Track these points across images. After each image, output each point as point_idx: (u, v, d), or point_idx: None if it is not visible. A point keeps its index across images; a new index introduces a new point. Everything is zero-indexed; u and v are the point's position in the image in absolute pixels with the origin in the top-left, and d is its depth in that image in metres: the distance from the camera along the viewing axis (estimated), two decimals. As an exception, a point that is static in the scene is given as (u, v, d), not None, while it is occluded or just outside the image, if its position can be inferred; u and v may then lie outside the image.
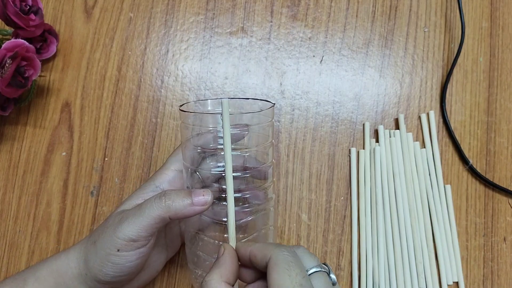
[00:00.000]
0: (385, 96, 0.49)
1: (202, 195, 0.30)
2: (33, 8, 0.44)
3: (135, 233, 0.30)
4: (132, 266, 0.32)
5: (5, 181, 0.45)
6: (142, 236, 0.31)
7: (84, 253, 0.33)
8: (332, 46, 0.49)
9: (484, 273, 0.45)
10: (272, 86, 0.48)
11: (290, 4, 0.50)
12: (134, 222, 0.30)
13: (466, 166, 0.47)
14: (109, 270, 0.31)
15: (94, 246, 0.32)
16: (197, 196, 0.30)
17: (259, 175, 0.35)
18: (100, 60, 0.48)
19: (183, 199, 0.30)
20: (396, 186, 0.45)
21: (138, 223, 0.30)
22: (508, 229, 0.46)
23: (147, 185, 0.35)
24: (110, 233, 0.31)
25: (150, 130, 0.47)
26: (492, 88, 0.49)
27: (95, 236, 0.33)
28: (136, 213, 0.31)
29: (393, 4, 0.50)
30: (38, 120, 0.47)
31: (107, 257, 0.31)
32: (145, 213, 0.30)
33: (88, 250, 0.33)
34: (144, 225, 0.30)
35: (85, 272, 0.33)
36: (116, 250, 0.30)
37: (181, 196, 0.30)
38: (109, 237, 0.31)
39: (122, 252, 0.30)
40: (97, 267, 0.32)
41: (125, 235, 0.30)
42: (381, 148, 0.46)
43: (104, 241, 0.31)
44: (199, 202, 0.30)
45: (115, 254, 0.31)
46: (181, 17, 0.49)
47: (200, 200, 0.30)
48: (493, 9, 0.51)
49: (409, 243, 0.44)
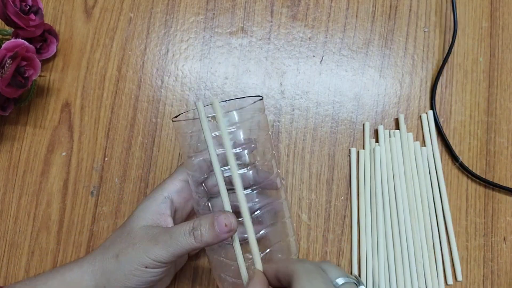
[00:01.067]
0: (385, 96, 0.49)
1: (224, 224, 0.31)
2: (33, 8, 0.44)
3: (166, 259, 0.32)
4: (154, 280, 0.33)
5: (5, 181, 0.45)
6: (171, 260, 0.32)
7: (102, 266, 0.34)
8: (332, 46, 0.49)
9: (484, 273, 0.45)
10: (272, 86, 0.48)
11: (290, 4, 0.50)
12: (167, 249, 0.32)
13: (456, 163, 0.47)
14: (132, 284, 0.33)
15: (117, 260, 0.33)
16: (220, 225, 0.31)
17: (268, 184, 0.35)
18: (100, 60, 0.48)
19: (208, 232, 0.32)
20: (396, 186, 0.45)
21: (171, 251, 0.32)
22: (508, 229, 0.46)
23: (157, 196, 0.36)
24: (140, 253, 0.32)
25: (150, 130, 0.47)
26: (492, 88, 0.49)
27: (115, 250, 0.34)
28: (168, 242, 0.32)
29: (393, 4, 0.50)
30: (38, 120, 0.46)
31: (134, 272, 0.32)
32: (177, 245, 0.32)
33: (109, 263, 0.33)
34: (176, 254, 0.32)
35: (103, 284, 0.33)
36: (144, 267, 0.32)
37: (207, 229, 0.32)
38: (139, 255, 0.32)
39: (150, 269, 0.32)
40: (121, 280, 0.32)
41: (157, 258, 0.32)
42: (381, 148, 0.46)
43: (132, 257, 0.32)
44: (224, 231, 0.31)
45: (142, 270, 0.32)
46: (181, 17, 0.49)
47: (224, 229, 0.31)
48: (493, 9, 0.51)
49: (409, 243, 0.44)
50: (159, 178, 0.46)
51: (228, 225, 0.31)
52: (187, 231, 0.32)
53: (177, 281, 0.43)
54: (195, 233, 0.32)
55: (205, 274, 0.44)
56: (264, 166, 0.35)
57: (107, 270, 0.33)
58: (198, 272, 0.44)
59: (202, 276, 0.44)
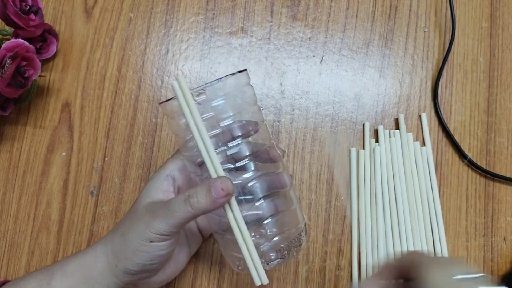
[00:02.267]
0: (385, 96, 0.49)
1: (221, 189, 0.31)
2: (33, 8, 0.44)
3: (167, 230, 0.32)
4: (162, 255, 0.34)
5: (5, 181, 0.45)
6: (173, 232, 0.33)
7: (112, 246, 0.35)
8: (332, 46, 0.49)
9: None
10: (272, 86, 0.48)
11: (290, 4, 0.50)
12: (165, 221, 0.32)
13: (465, 160, 0.47)
14: (140, 259, 0.33)
15: (124, 237, 0.34)
16: (217, 191, 0.31)
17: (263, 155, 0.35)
18: (100, 60, 0.48)
19: (205, 198, 0.31)
20: (396, 186, 0.45)
21: (170, 222, 0.32)
22: (508, 229, 0.46)
23: (159, 175, 0.36)
24: (142, 227, 0.33)
25: (150, 130, 0.47)
26: (492, 88, 0.49)
27: (121, 229, 0.35)
28: (166, 213, 0.32)
29: (393, 4, 0.50)
30: (38, 120, 0.47)
31: (140, 247, 0.33)
32: (174, 215, 0.32)
33: (117, 242, 0.34)
34: (175, 224, 0.32)
35: (115, 263, 0.34)
36: (149, 241, 0.32)
37: (203, 195, 0.32)
38: (141, 230, 0.33)
39: (154, 242, 0.33)
40: (129, 257, 0.33)
41: (158, 231, 0.32)
42: (381, 148, 0.46)
43: (136, 233, 0.33)
44: (221, 195, 0.31)
45: (147, 244, 0.32)
46: (181, 17, 0.49)
47: (221, 193, 0.31)
48: (493, 9, 0.51)
49: (409, 243, 0.44)
50: (159, 178, 0.46)
51: (224, 189, 0.31)
52: (183, 199, 0.32)
53: (177, 281, 0.43)
54: (191, 200, 0.32)
55: (205, 274, 0.44)
56: (257, 139, 0.35)
57: (116, 249, 0.34)
58: (198, 272, 0.44)
59: (202, 276, 0.44)
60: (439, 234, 0.45)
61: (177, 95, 0.32)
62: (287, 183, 0.36)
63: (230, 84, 0.33)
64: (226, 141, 0.33)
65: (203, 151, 0.32)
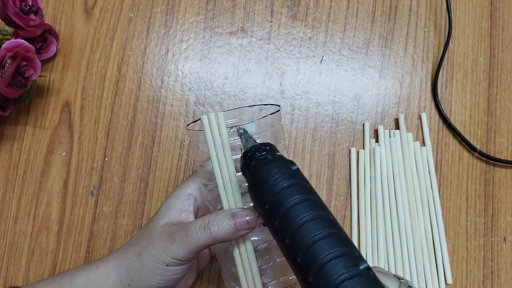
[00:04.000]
0: (385, 96, 0.49)
1: (246, 221, 0.30)
2: (33, 8, 0.44)
3: (184, 256, 0.32)
4: (178, 278, 0.33)
5: (5, 181, 0.45)
6: (191, 257, 0.32)
7: (126, 265, 0.34)
8: (332, 46, 0.49)
9: (484, 273, 0.45)
10: (272, 86, 0.48)
11: (290, 4, 0.50)
12: (182, 247, 0.31)
13: (475, 153, 0.47)
14: (155, 282, 0.32)
15: (139, 258, 0.33)
16: (241, 221, 0.30)
17: None
18: (100, 60, 0.48)
19: (226, 226, 0.31)
20: (396, 186, 0.45)
21: (186, 248, 0.31)
22: (508, 229, 0.46)
23: (180, 194, 0.36)
24: (159, 251, 0.32)
25: (150, 130, 0.47)
26: (492, 88, 0.49)
27: (137, 248, 0.34)
28: (183, 239, 0.32)
29: (393, 4, 0.50)
30: (38, 120, 0.46)
31: (156, 270, 0.32)
32: (193, 242, 0.31)
33: (132, 262, 0.34)
34: (192, 250, 0.31)
35: (128, 283, 0.33)
36: (165, 265, 0.32)
37: (224, 223, 0.31)
38: (158, 253, 0.32)
39: (171, 266, 0.32)
40: (144, 278, 0.32)
41: (175, 256, 0.32)
42: (381, 148, 0.46)
43: (152, 256, 0.32)
44: (244, 227, 0.31)
45: (163, 268, 0.32)
46: (181, 17, 0.49)
47: (245, 225, 0.31)
48: (493, 9, 0.51)
49: (409, 243, 0.44)
50: (159, 178, 0.46)
51: (250, 222, 0.30)
52: (202, 226, 0.31)
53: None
54: (211, 228, 0.31)
55: (205, 274, 0.44)
56: None
57: (131, 269, 0.33)
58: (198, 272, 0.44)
59: (202, 276, 0.44)
60: (439, 234, 0.45)
61: (205, 131, 0.31)
62: None
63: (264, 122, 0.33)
64: None
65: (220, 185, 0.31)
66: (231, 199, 0.32)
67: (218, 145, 0.31)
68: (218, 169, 0.31)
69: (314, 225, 0.23)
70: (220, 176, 0.31)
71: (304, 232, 0.23)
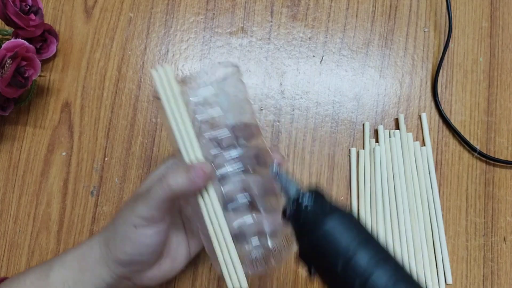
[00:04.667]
0: (385, 96, 0.49)
1: (202, 171, 0.30)
2: (33, 8, 0.44)
3: (147, 214, 0.31)
4: (149, 244, 0.33)
5: (5, 181, 0.45)
6: (155, 215, 0.32)
7: (104, 235, 0.34)
8: (332, 46, 0.49)
9: (484, 273, 0.45)
10: (272, 86, 0.48)
11: (290, 4, 0.50)
12: (145, 203, 0.31)
13: (475, 153, 0.47)
14: (128, 248, 0.32)
15: (113, 225, 0.34)
16: (196, 172, 0.31)
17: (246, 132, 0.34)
18: (100, 60, 0.48)
19: (183, 178, 0.31)
20: (396, 186, 0.45)
21: (148, 204, 0.31)
22: (508, 229, 0.46)
23: (160, 168, 0.36)
24: (127, 212, 0.32)
25: (150, 130, 0.47)
26: (492, 88, 0.49)
27: (114, 218, 0.34)
28: (145, 195, 0.32)
29: (393, 4, 0.50)
30: (38, 120, 0.47)
31: (126, 234, 0.32)
32: (152, 196, 0.31)
33: (108, 231, 0.34)
34: (154, 206, 0.31)
35: (107, 253, 0.33)
36: (133, 227, 0.32)
37: (181, 175, 0.31)
38: (126, 215, 0.32)
39: (139, 228, 0.32)
40: (118, 246, 0.33)
41: (139, 214, 0.31)
42: (381, 148, 0.46)
43: (122, 219, 0.33)
44: (200, 178, 0.31)
45: (132, 230, 0.32)
46: (181, 17, 0.49)
47: (201, 176, 0.31)
48: (493, 9, 0.51)
49: (408, 242, 0.44)
50: (159, 178, 0.46)
51: (204, 170, 0.30)
52: (159, 179, 0.31)
53: (177, 281, 0.43)
54: (168, 180, 0.31)
55: (205, 274, 0.44)
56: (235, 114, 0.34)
57: (107, 237, 0.34)
58: (198, 272, 0.44)
59: (202, 276, 0.44)
60: (439, 234, 0.45)
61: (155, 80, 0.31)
62: None
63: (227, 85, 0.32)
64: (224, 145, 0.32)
65: (178, 137, 0.31)
66: (190, 153, 0.31)
67: (170, 98, 0.31)
68: (172, 120, 0.31)
69: None
70: (176, 126, 0.31)
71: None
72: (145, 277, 0.35)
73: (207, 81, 0.32)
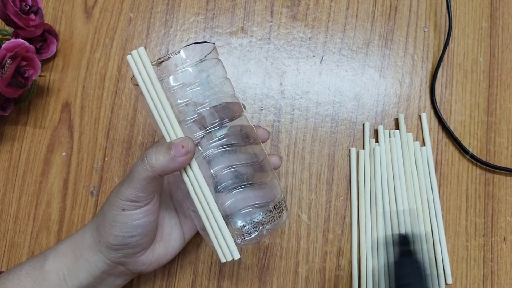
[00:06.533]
0: (385, 96, 0.49)
1: (181, 146, 0.30)
2: (33, 8, 0.44)
3: (133, 195, 0.31)
4: (139, 225, 0.33)
5: (5, 181, 0.45)
6: (141, 196, 0.32)
7: (95, 222, 0.35)
8: (332, 46, 0.49)
9: (484, 273, 0.45)
10: (272, 86, 0.48)
11: (290, 4, 0.50)
12: (129, 185, 0.31)
13: (467, 155, 0.47)
14: (118, 231, 0.32)
15: (102, 211, 0.34)
16: (177, 148, 0.30)
17: (229, 112, 0.34)
18: (100, 60, 0.48)
19: (164, 155, 0.31)
20: (396, 186, 0.45)
21: (133, 186, 0.31)
22: (508, 229, 0.46)
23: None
24: (113, 197, 0.33)
25: (150, 130, 0.47)
26: (492, 88, 0.49)
27: (103, 204, 0.35)
28: (129, 176, 0.32)
29: (393, 4, 0.50)
30: (38, 120, 0.47)
31: (114, 217, 0.32)
32: (135, 177, 0.31)
33: (98, 217, 0.34)
34: (138, 187, 0.31)
35: (98, 239, 0.34)
36: (121, 210, 0.32)
37: (162, 153, 0.31)
38: (113, 200, 0.32)
39: (127, 211, 0.32)
40: (107, 230, 0.33)
41: (125, 197, 0.32)
42: (381, 148, 0.46)
43: (110, 204, 0.33)
44: (181, 153, 0.30)
45: (120, 214, 0.32)
46: (181, 17, 0.49)
47: (181, 151, 0.30)
48: (493, 9, 0.51)
49: (409, 243, 0.44)
50: (159, 178, 0.46)
51: (185, 146, 0.30)
52: (141, 159, 0.31)
53: (177, 281, 0.43)
54: (148, 157, 0.31)
55: (205, 274, 0.44)
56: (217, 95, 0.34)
57: (98, 224, 0.34)
58: (198, 272, 0.44)
59: (202, 276, 0.44)
60: (439, 234, 0.45)
61: (131, 66, 0.31)
62: (261, 156, 0.35)
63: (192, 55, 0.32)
64: (208, 125, 0.32)
65: (159, 121, 0.31)
66: (170, 131, 0.32)
67: (148, 84, 0.31)
68: (152, 104, 0.31)
69: None
70: (155, 109, 0.31)
71: None
72: (139, 261, 0.35)
73: (186, 64, 0.32)
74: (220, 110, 0.33)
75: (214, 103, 0.33)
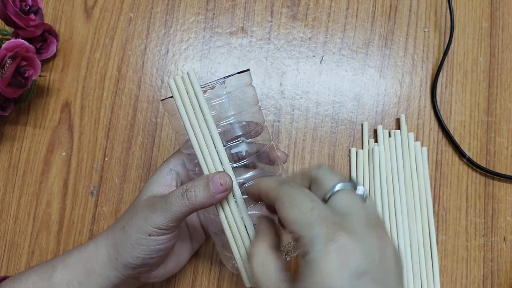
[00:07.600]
0: (385, 96, 0.49)
1: (220, 184, 0.31)
2: (33, 8, 0.44)
3: (165, 225, 0.32)
4: (161, 249, 0.33)
5: (5, 181, 0.45)
6: (172, 226, 0.32)
7: (113, 239, 0.35)
8: (332, 46, 0.49)
9: (484, 273, 0.45)
10: (272, 86, 0.48)
11: (290, 4, 0.50)
12: (163, 215, 0.32)
13: (464, 158, 0.47)
14: (140, 253, 0.33)
15: (124, 231, 0.34)
16: (215, 185, 0.31)
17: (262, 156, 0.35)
18: (100, 60, 0.48)
19: (203, 192, 0.31)
20: (395, 186, 0.45)
21: (167, 216, 0.32)
22: (508, 229, 0.46)
23: (162, 169, 0.36)
24: (141, 221, 0.33)
25: (150, 130, 0.47)
26: (492, 88, 0.49)
27: (122, 222, 0.34)
28: (164, 207, 0.32)
29: (393, 4, 0.50)
30: (38, 120, 0.47)
31: (139, 240, 0.32)
32: (172, 209, 0.32)
33: (117, 235, 0.34)
34: (172, 218, 0.32)
35: (115, 257, 0.34)
36: (147, 235, 0.32)
37: (201, 189, 0.31)
38: (140, 224, 0.32)
39: (153, 236, 0.32)
40: (129, 250, 0.33)
41: (156, 225, 0.32)
42: (380, 148, 0.46)
43: (135, 227, 0.33)
44: (219, 190, 0.31)
45: (146, 238, 0.32)
46: (181, 17, 0.49)
47: (220, 188, 0.31)
48: (493, 9, 0.51)
49: (406, 243, 0.44)
50: (159, 178, 0.46)
51: (223, 184, 0.30)
52: (180, 193, 0.32)
53: (177, 281, 0.43)
54: (188, 194, 0.31)
55: (205, 274, 0.44)
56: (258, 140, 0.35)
57: (117, 242, 0.34)
58: (198, 272, 0.44)
59: (202, 276, 0.44)
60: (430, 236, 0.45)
61: (172, 91, 0.31)
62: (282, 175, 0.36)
63: (232, 84, 0.33)
64: (227, 140, 0.33)
65: (196, 148, 0.31)
66: (210, 164, 0.32)
67: (188, 107, 0.31)
68: (192, 133, 0.31)
69: None
70: (196, 140, 0.31)
71: None
72: (152, 275, 0.36)
73: (222, 93, 0.32)
74: (241, 127, 0.33)
75: (235, 120, 0.33)
